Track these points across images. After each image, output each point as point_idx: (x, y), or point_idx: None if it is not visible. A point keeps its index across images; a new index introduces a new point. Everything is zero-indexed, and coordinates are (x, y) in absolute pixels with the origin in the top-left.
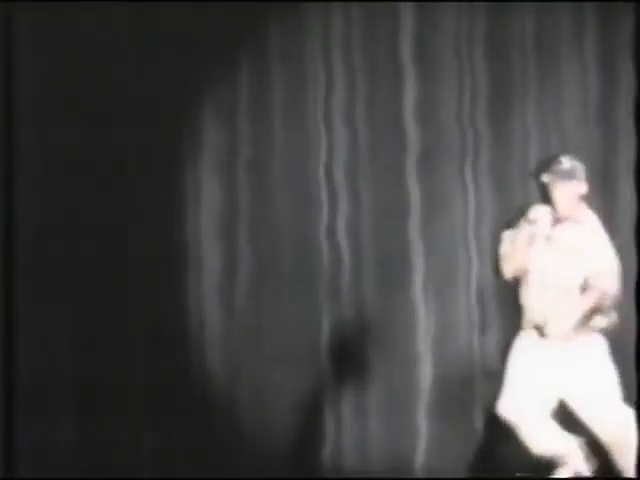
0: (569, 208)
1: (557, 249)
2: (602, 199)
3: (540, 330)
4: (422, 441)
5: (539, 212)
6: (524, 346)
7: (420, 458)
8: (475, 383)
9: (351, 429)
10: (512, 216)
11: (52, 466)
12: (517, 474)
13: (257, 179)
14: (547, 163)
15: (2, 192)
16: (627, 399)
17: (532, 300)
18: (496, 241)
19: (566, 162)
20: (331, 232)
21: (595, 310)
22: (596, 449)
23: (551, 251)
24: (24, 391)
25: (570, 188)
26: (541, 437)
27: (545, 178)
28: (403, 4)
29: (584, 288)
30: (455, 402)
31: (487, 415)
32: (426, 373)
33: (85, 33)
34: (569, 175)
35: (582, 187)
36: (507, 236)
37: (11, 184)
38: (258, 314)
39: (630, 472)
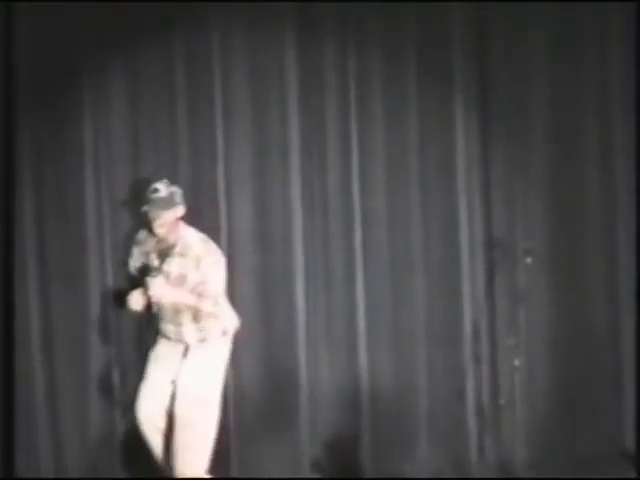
0: (169, 232)
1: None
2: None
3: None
4: None
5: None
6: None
7: None
8: None
9: None
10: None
11: None
12: None
13: None
14: (140, 190)
15: None
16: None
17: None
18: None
19: (163, 189)
20: None
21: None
22: None
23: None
24: None
25: (171, 215)
26: None
27: (145, 208)
28: None
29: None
30: None
31: None
32: None
33: None
34: (168, 202)
35: (181, 210)
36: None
37: None
38: None
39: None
